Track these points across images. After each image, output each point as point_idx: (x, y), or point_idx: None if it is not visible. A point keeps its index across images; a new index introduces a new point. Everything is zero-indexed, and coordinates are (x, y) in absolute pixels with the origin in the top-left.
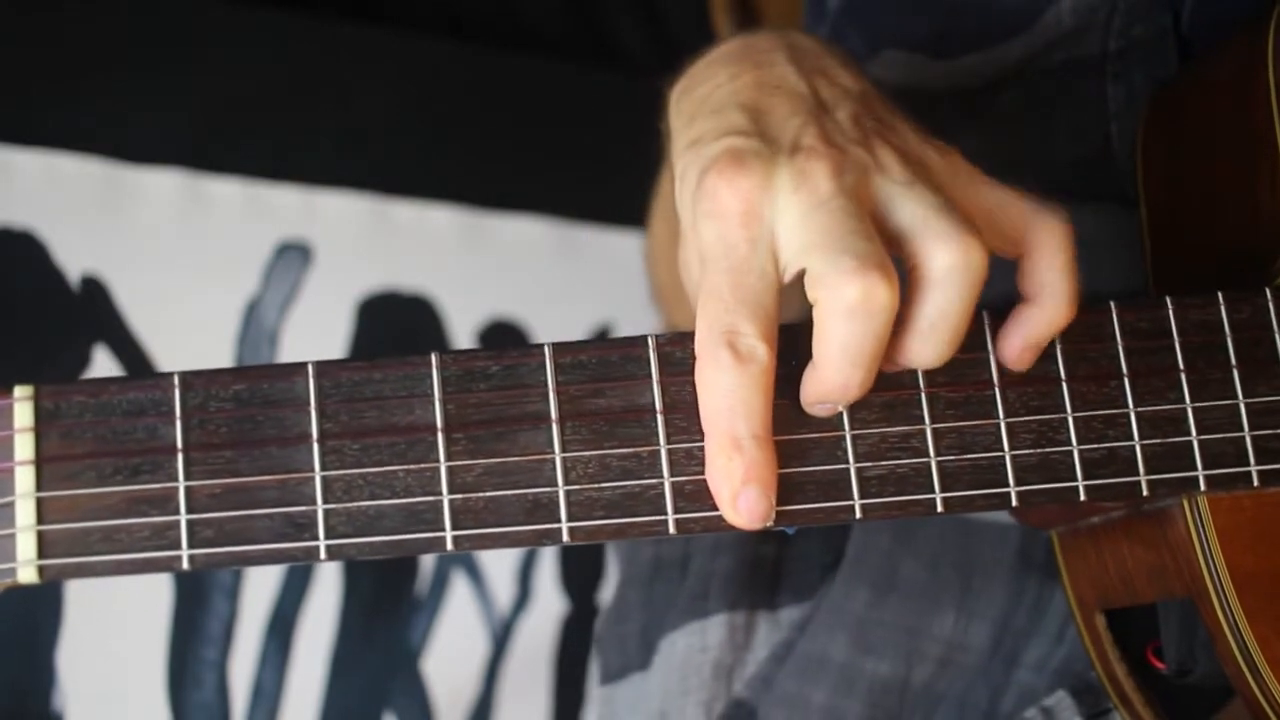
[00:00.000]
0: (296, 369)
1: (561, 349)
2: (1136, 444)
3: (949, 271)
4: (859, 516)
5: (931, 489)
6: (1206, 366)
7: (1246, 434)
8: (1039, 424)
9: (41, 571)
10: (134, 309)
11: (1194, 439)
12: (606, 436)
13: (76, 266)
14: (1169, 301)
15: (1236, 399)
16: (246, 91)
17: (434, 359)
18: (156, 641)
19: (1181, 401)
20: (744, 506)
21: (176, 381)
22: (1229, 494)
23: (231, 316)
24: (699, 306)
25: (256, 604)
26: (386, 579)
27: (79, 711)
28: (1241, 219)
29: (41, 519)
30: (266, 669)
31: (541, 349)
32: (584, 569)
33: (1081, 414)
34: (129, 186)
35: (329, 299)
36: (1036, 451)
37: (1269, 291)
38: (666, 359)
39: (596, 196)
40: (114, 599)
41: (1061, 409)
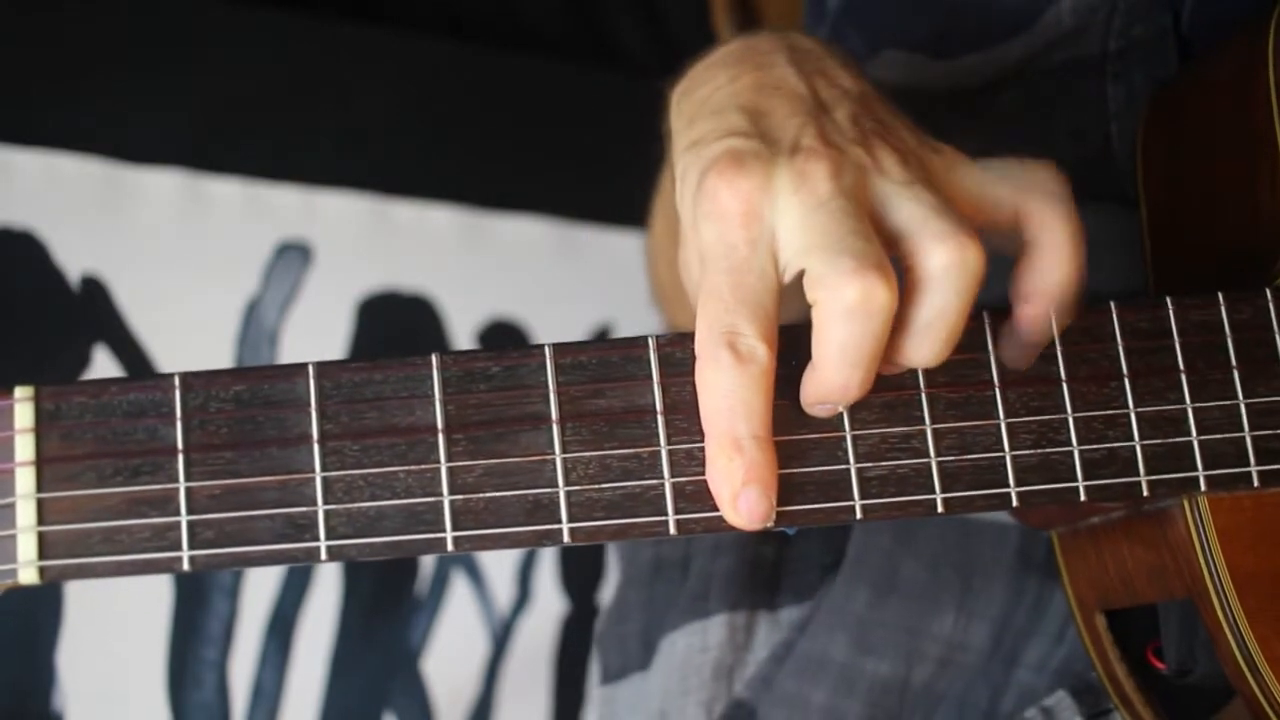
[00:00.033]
0: (297, 370)
1: (562, 349)
2: (1137, 444)
3: (945, 271)
4: (859, 517)
5: (932, 489)
6: (1207, 367)
7: (1247, 434)
8: (1039, 424)
9: (42, 572)
10: (134, 309)
11: (1194, 439)
12: (607, 437)
13: (76, 266)
14: (1169, 301)
15: (1237, 399)
16: (246, 91)
17: (434, 360)
18: (156, 641)
19: (1182, 402)
20: (744, 507)
21: (177, 382)
22: (1229, 494)
23: (231, 316)
24: (699, 307)
25: (256, 604)
26: (386, 579)
27: (79, 711)
28: (1241, 219)
29: (42, 520)
30: (266, 669)
31: (542, 349)
32: (584, 569)
33: (1082, 414)
34: (129, 186)
35: (329, 299)
36: (1037, 452)
37: (1269, 292)
38: (667, 359)
39: (596, 196)
40: (114, 599)
41: (1062, 409)
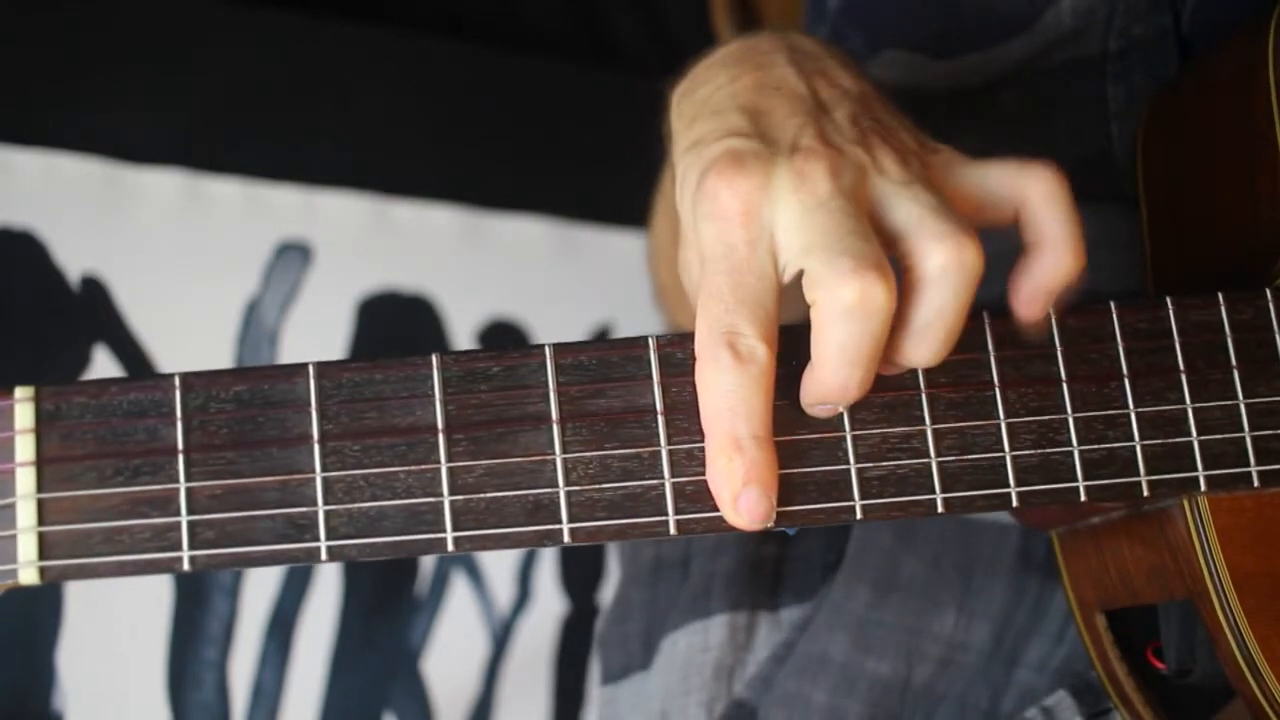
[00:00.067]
0: (297, 370)
1: (562, 350)
2: (1137, 444)
3: (944, 271)
4: (860, 517)
5: (932, 490)
6: (1207, 367)
7: (1247, 434)
8: (1039, 424)
9: (43, 573)
10: (134, 309)
11: (1194, 439)
12: (607, 437)
13: (76, 266)
14: (1169, 301)
15: (1237, 399)
16: (246, 91)
17: (435, 360)
18: (156, 641)
19: (1182, 402)
20: (745, 507)
21: (177, 382)
22: (1229, 494)
23: (231, 316)
24: (699, 307)
25: (256, 604)
26: (386, 579)
27: (79, 711)
28: (1242, 219)
29: (42, 520)
30: (266, 669)
31: (542, 350)
32: (584, 569)
33: (1082, 414)
34: (129, 186)
35: (329, 299)
36: (1037, 452)
37: (1269, 292)
38: (667, 360)
39: (596, 196)
40: (114, 599)
41: (1062, 409)
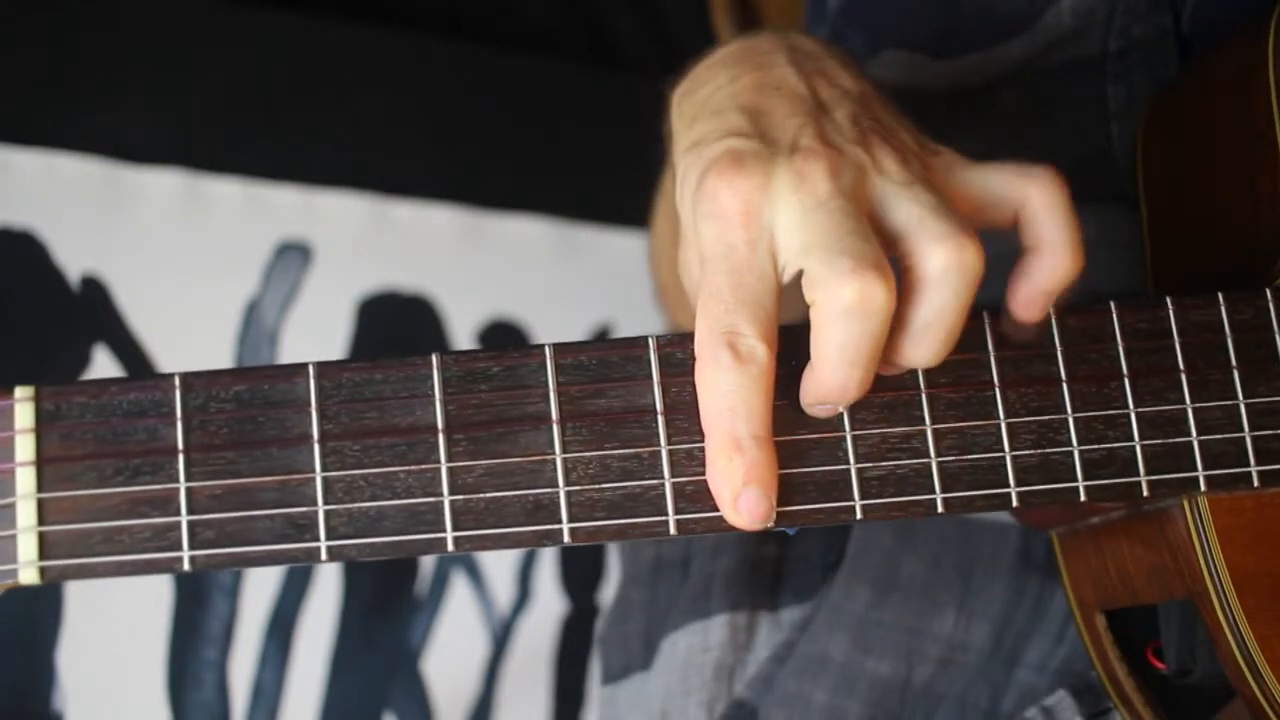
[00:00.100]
0: (297, 370)
1: (562, 349)
2: (1137, 444)
3: (944, 271)
4: (859, 517)
5: (932, 490)
6: (1207, 367)
7: (1247, 434)
8: (1039, 425)
9: (43, 573)
10: (134, 309)
11: (1194, 439)
12: (607, 437)
13: (76, 266)
14: (1169, 301)
15: (1237, 399)
16: (246, 91)
17: (435, 360)
18: (156, 641)
19: (1182, 402)
20: (745, 507)
21: (177, 382)
22: (1229, 494)
23: (231, 316)
24: (699, 307)
25: (256, 604)
26: (386, 579)
27: (79, 711)
28: (1242, 219)
29: (42, 520)
30: (266, 669)
31: (542, 349)
32: (584, 569)
33: (1082, 414)
34: (129, 186)
35: (329, 299)
36: (1037, 452)
37: (1269, 292)
38: (667, 360)
39: (596, 196)
40: (114, 599)
41: (1062, 410)
